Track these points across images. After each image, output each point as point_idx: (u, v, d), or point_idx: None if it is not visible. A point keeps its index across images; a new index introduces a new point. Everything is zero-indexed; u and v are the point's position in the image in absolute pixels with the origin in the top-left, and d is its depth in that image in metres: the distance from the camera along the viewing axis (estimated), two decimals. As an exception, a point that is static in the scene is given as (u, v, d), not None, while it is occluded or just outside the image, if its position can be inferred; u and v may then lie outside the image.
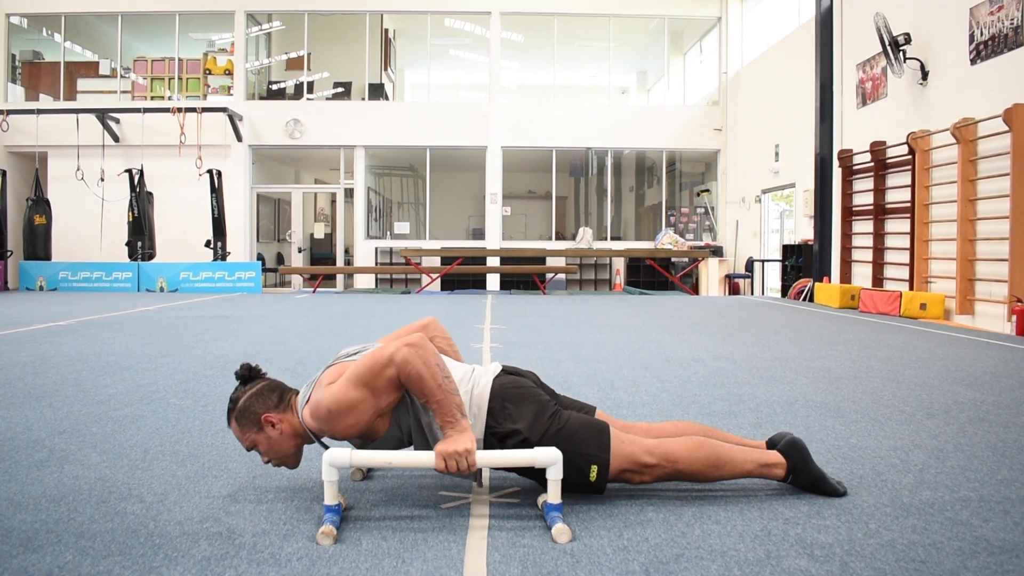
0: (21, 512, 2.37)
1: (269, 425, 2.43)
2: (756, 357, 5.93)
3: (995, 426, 3.61)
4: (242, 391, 2.49)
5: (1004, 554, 2.09)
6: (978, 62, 8.91)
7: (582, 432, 2.44)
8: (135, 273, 14.64)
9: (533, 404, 2.47)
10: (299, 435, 2.47)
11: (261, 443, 2.45)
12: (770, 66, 15.36)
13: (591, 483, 2.43)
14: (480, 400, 2.46)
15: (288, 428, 2.45)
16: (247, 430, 2.45)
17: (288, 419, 2.45)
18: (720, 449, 2.48)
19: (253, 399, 2.46)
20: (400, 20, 18.69)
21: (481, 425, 2.44)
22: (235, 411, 2.46)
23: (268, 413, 2.44)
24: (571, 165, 18.29)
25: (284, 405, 2.47)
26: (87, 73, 17.69)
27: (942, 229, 9.52)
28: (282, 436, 2.45)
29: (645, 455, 2.44)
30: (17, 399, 4.14)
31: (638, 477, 2.46)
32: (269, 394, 2.48)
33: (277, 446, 2.46)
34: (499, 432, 2.44)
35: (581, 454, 2.40)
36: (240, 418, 2.45)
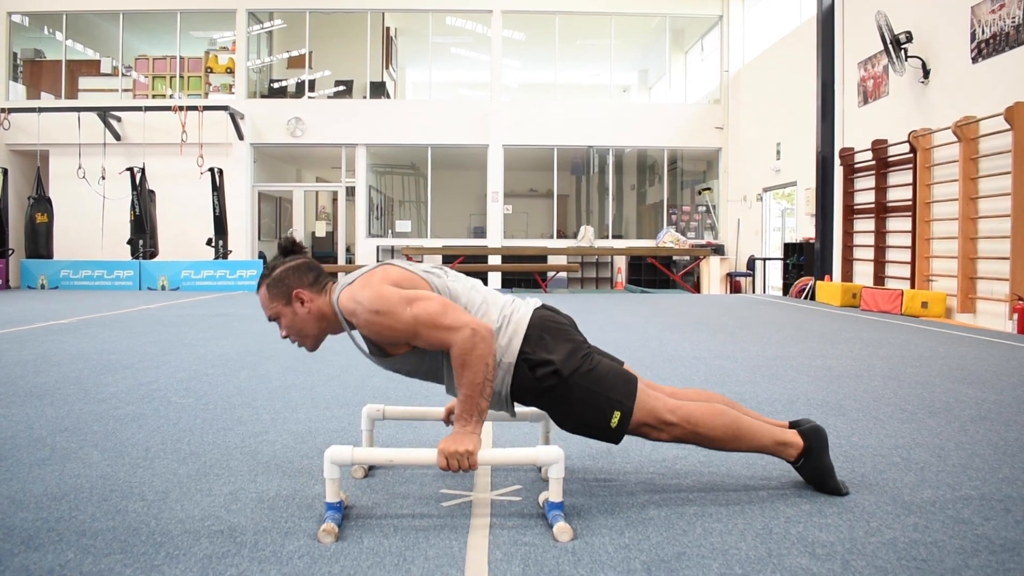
0: (23, 510, 2.38)
1: (299, 301, 2.41)
2: (757, 355, 5.93)
3: (996, 424, 3.61)
4: (280, 261, 2.46)
5: (1005, 552, 2.09)
6: (979, 60, 8.90)
7: (611, 377, 2.43)
8: (136, 271, 14.64)
9: (569, 341, 2.46)
10: (326, 319, 2.45)
11: (285, 316, 2.43)
12: (771, 64, 15.35)
13: (611, 429, 2.42)
14: (518, 325, 2.43)
15: (316, 310, 2.43)
16: (275, 300, 2.42)
17: (319, 301, 2.43)
18: (741, 420, 2.48)
19: (290, 271, 2.43)
20: (401, 18, 18.68)
21: (515, 349, 2.40)
22: (268, 278, 2.43)
23: (301, 289, 2.42)
24: (572, 163, 18.30)
25: (319, 287, 2.45)
26: (88, 71, 17.69)
27: (943, 227, 9.52)
28: (309, 315, 2.43)
29: (667, 413, 2.43)
30: (18, 397, 4.14)
31: (656, 434, 2.46)
32: (307, 271, 2.45)
33: (301, 324, 2.44)
34: (532, 359, 2.40)
35: (607, 398, 2.40)
36: (271, 287, 2.42)
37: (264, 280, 2.44)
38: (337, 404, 4.02)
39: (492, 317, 2.43)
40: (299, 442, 3.23)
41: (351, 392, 4.36)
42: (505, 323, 2.43)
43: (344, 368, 5.18)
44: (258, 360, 5.56)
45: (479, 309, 2.44)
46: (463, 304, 2.42)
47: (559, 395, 2.41)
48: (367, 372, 5.02)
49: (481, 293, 2.50)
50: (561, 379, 2.38)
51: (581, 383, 2.39)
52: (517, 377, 2.42)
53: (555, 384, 2.39)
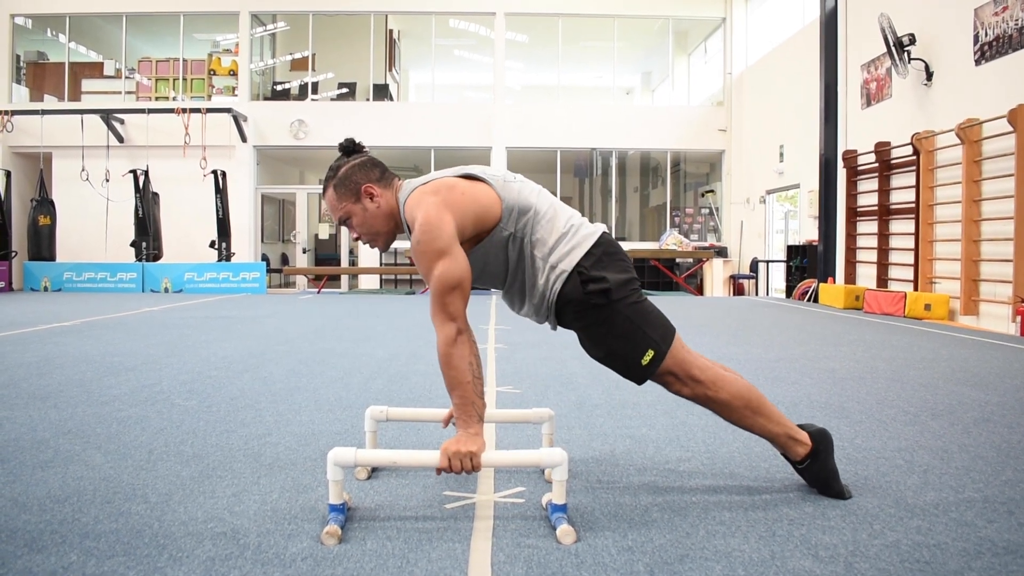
0: (26, 512, 2.38)
1: (368, 197, 2.39)
2: (760, 358, 5.92)
3: (1000, 427, 3.60)
4: (344, 160, 2.43)
5: (1009, 555, 2.09)
6: (983, 63, 8.89)
7: (654, 317, 2.44)
8: (139, 274, 14.66)
9: (628, 271, 2.46)
10: (394, 217, 2.43)
11: (356, 214, 2.41)
12: (775, 67, 15.34)
13: (640, 366, 2.41)
14: (584, 239, 2.42)
15: (385, 205, 2.41)
16: (344, 199, 2.40)
17: (388, 196, 2.41)
18: (762, 399, 2.50)
19: (356, 168, 2.41)
20: (404, 21, 18.70)
21: (574, 259, 2.39)
22: (335, 179, 2.40)
23: (370, 184, 2.40)
24: (576, 166, 18.30)
25: (386, 182, 2.43)
26: (91, 74, 17.72)
27: (947, 230, 9.51)
28: (379, 211, 2.41)
29: (696, 369, 2.44)
30: (22, 400, 4.15)
31: (678, 385, 2.46)
32: (372, 167, 2.43)
33: (372, 220, 2.41)
34: (587, 274, 2.38)
35: (646, 334, 2.40)
36: (339, 186, 2.39)
37: (330, 181, 2.42)
38: (340, 406, 4.02)
39: (560, 222, 2.43)
40: (302, 444, 3.23)
41: (354, 394, 4.36)
42: (572, 231, 2.43)
43: (347, 370, 5.19)
44: (261, 362, 5.56)
45: (546, 213, 2.44)
46: (532, 204, 2.43)
47: (601, 316, 2.41)
48: (370, 374, 5.03)
49: (550, 199, 2.51)
50: (609, 300, 2.38)
51: (625, 312, 2.39)
52: (568, 286, 2.40)
53: (602, 304, 2.39)
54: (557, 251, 2.40)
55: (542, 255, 2.42)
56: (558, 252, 2.40)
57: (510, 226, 2.41)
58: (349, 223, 2.44)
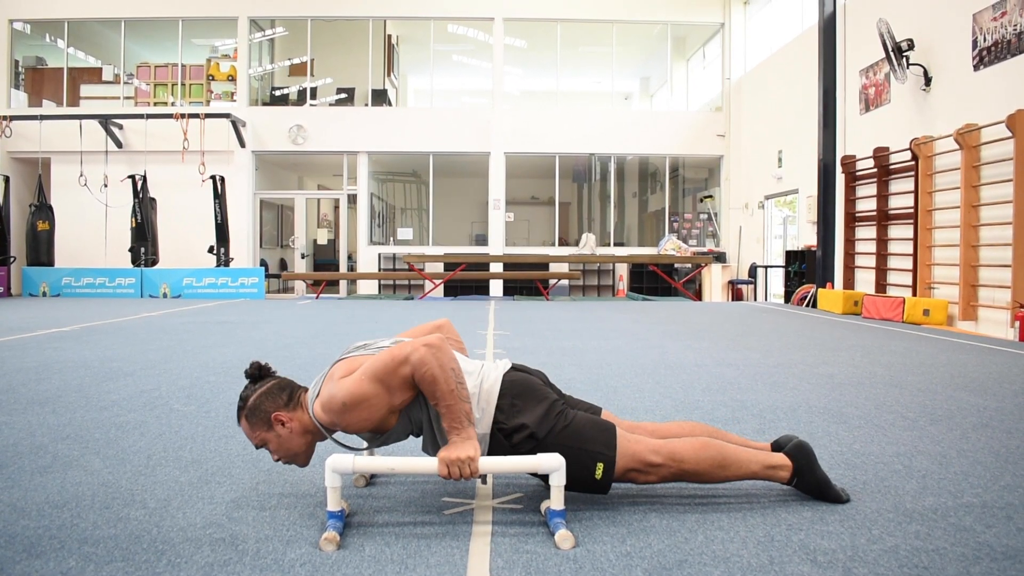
0: (24, 518, 2.38)
1: (279, 423, 2.42)
2: (759, 363, 5.92)
3: (998, 432, 3.60)
4: (252, 389, 2.48)
5: (1007, 560, 2.09)
6: (981, 68, 8.91)
7: (588, 430, 2.43)
8: (138, 279, 14.66)
9: (541, 401, 2.47)
10: (309, 432, 2.46)
11: (271, 441, 2.45)
12: (773, 72, 15.37)
13: (596, 481, 2.42)
14: (489, 395, 2.45)
15: (298, 426, 2.44)
16: (257, 428, 2.44)
17: (298, 417, 2.44)
18: (726, 450, 2.48)
19: (263, 397, 2.45)
20: (403, 26, 18.72)
21: (488, 420, 2.43)
22: (245, 409, 2.45)
23: (278, 411, 2.43)
24: (574, 171, 18.32)
25: (294, 403, 2.46)
26: (90, 79, 17.74)
27: (945, 235, 9.52)
28: (292, 434, 2.44)
29: (651, 454, 2.43)
30: (20, 405, 4.14)
31: (644, 477, 2.45)
32: (279, 392, 2.47)
33: (287, 444, 2.45)
34: (506, 428, 2.42)
35: (587, 451, 2.40)
36: (250, 416, 2.44)
37: (242, 412, 2.46)
38: (339, 411, 4.01)
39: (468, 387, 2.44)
40: (301, 450, 3.23)
41: (353, 399, 4.35)
42: (478, 393, 2.45)
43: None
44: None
45: None
46: None
47: None
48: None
49: None
50: (538, 441, 2.40)
51: (558, 442, 2.39)
52: (494, 446, 2.44)
53: (533, 447, 2.40)
54: None
55: None
56: None
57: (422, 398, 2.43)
58: (267, 449, 2.48)
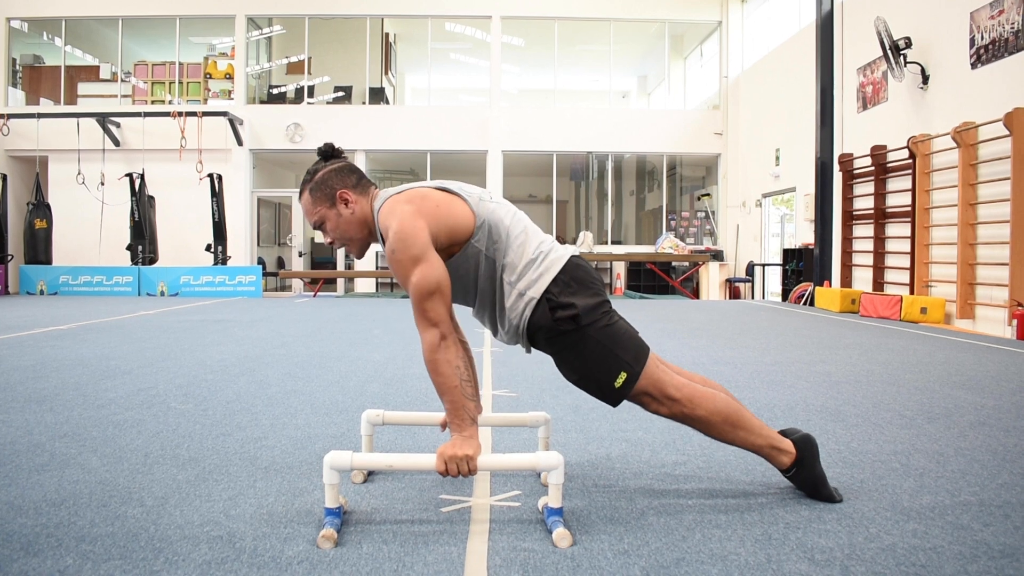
0: (21, 516, 2.37)
1: (343, 202, 2.40)
2: (757, 361, 5.93)
3: (996, 430, 3.61)
4: (322, 165, 2.44)
5: (1005, 558, 2.09)
6: (979, 66, 8.92)
7: (626, 339, 2.42)
8: (136, 277, 14.64)
9: (597, 295, 2.45)
10: (368, 225, 2.43)
11: (330, 219, 2.42)
12: (771, 70, 15.37)
13: (613, 388, 2.40)
14: (552, 264, 2.42)
15: (359, 212, 2.42)
16: (319, 203, 2.41)
17: (362, 204, 2.42)
18: (742, 412, 2.48)
19: (332, 173, 2.42)
20: (401, 24, 18.71)
21: (542, 286, 2.39)
22: (311, 182, 2.41)
23: (345, 190, 2.40)
24: (572, 169, 18.30)
25: (362, 188, 2.43)
26: (88, 77, 17.71)
27: (943, 233, 9.53)
28: (353, 217, 2.41)
29: (672, 388, 2.42)
30: (17, 403, 4.14)
31: (655, 406, 2.44)
32: (349, 173, 2.43)
33: (345, 226, 2.42)
34: (555, 301, 2.39)
35: (617, 356, 2.39)
36: (315, 190, 2.40)
37: (306, 185, 2.42)
38: (336, 410, 4.02)
39: (530, 248, 2.43)
40: (298, 448, 3.23)
41: (350, 398, 4.36)
42: (541, 258, 2.42)
43: (344, 374, 5.19)
44: (257, 366, 5.55)
45: (518, 237, 2.43)
46: (506, 226, 2.42)
47: (572, 341, 2.41)
48: (366, 377, 5.02)
49: (523, 222, 2.50)
50: (578, 326, 2.38)
51: (596, 336, 2.39)
52: (537, 313, 2.41)
53: (571, 330, 2.39)
54: (526, 278, 2.41)
55: (510, 281, 2.42)
56: (527, 279, 2.41)
57: (481, 243, 2.41)
58: (323, 227, 2.45)
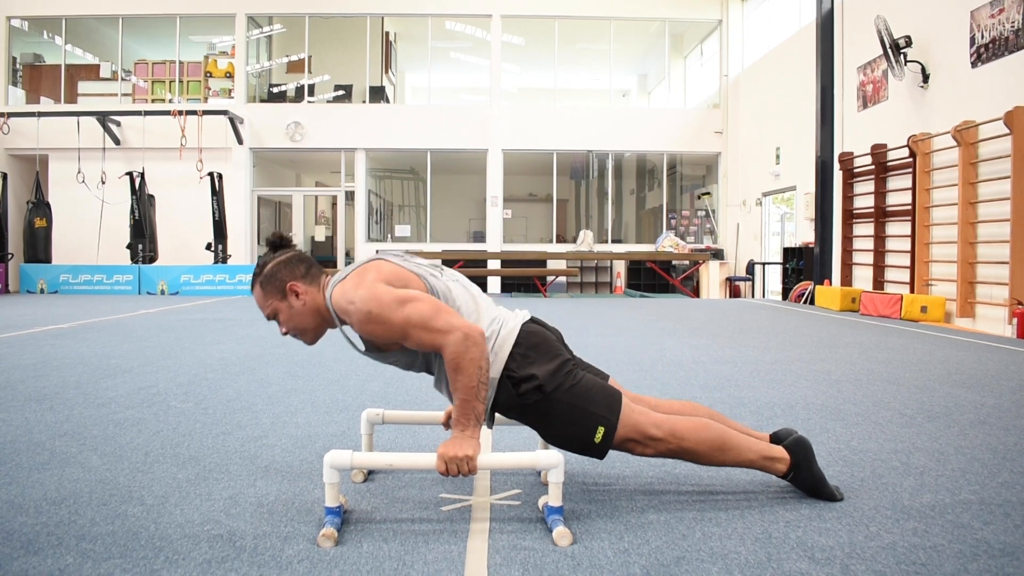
0: (22, 514, 2.38)
1: (293, 294, 2.41)
2: (757, 360, 5.93)
3: (996, 429, 3.61)
4: (271, 257, 2.45)
5: (1005, 557, 2.09)
6: (979, 65, 8.91)
7: (595, 393, 2.42)
8: (136, 276, 14.64)
9: (555, 357, 2.44)
10: (321, 313, 2.44)
11: (282, 311, 2.43)
12: (771, 69, 15.37)
13: (595, 444, 2.40)
14: (505, 341, 2.42)
15: (311, 302, 2.42)
16: (270, 296, 2.42)
17: (313, 293, 2.43)
18: (726, 434, 2.46)
19: (281, 266, 2.43)
20: (401, 23, 18.71)
21: (500, 365, 2.40)
22: (261, 276, 2.43)
23: (295, 282, 2.41)
24: (572, 168, 18.30)
25: (311, 278, 2.44)
26: (88, 76, 17.70)
27: (943, 232, 9.52)
28: (304, 308, 2.42)
29: (652, 427, 2.41)
30: (18, 402, 4.14)
31: (641, 448, 2.44)
32: (298, 264, 2.45)
33: (297, 318, 2.44)
34: (515, 376, 2.39)
35: (591, 413, 2.38)
36: (265, 283, 2.42)
37: (257, 278, 2.44)
38: (337, 408, 4.02)
39: (483, 326, 2.42)
40: (299, 446, 3.23)
41: (351, 396, 4.36)
42: (494, 336, 2.43)
43: (344, 373, 5.19)
44: (258, 364, 5.55)
45: (471, 314, 2.43)
46: (456, 306, 2.42)
47: (542, 411, 2.41)
48: (367, 376, 5.02)
49: (476, 299, 2.49)
50: (544, 395, 2.38)
51: (564, 399, 2.38)
52: (501, 392, 2.42)
53: (538, 400, 2.39)
54: None
55: None
56: None
57: None
58: (277, 320, 2.47)
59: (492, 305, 2.53)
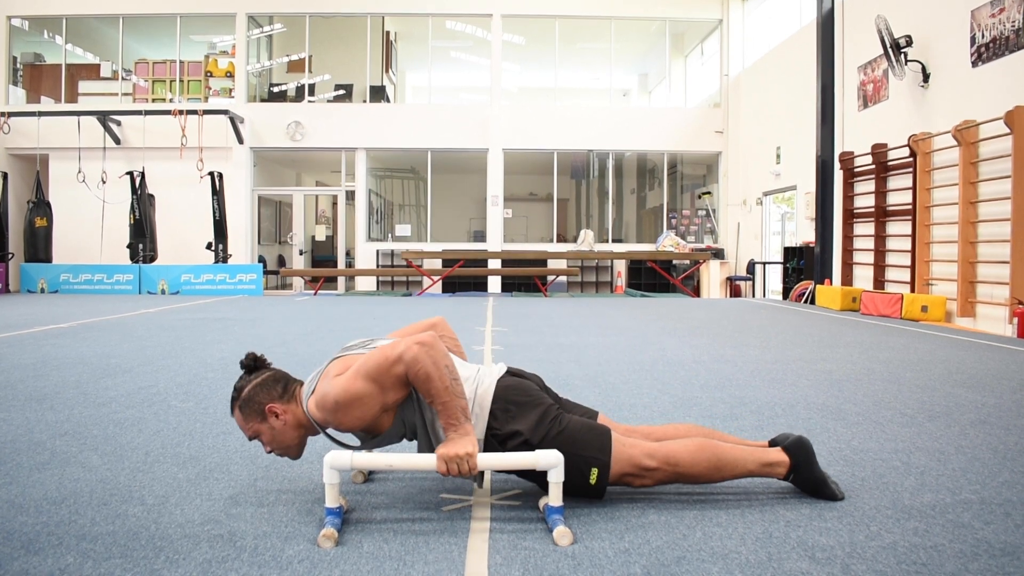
0: (22, 514, 2.38)
1: (273, 415, 2.43)
2: (757, 359, 5.92)
3: (996, 428, 3.61)
4: (247, 380, 2.48)
5: (1005, 556, 2.09)
6: (979, 64, 8.91)
7: (583, 435, 2.43)
8: (136, 275, 14.65)
9: (536, 407, 2.46)
10: (302, 426, 2.46)
11: (264, 433, 2.45)
12: (771, 68, 15.36)
13: (591, 486, 2.42)
14: (483, 400, 2.45)
15: (292, 419, 2.44)
16: (250, 420, 2.44)
17: (292, 410, 2.45)
18: (722, 450, 2.47)
19: (258, 389, 2.45)
20: (401, 22, 18.70)
21: (483, 425, 2.43)
22: (239, 400, 2.45)
23: (272, 403, 2.43)
24: (572, 167, 18.30)
25: (288, 396, 2.47)
26: (88, 75, 17.71)
27: (943, 231, 9.52)
28: (285, 427, 2.44)
29: (646, 458, 2.42)
30: (18, 401, 4.14)
31: (639, 480, 2.45)
32: (274, 384, 2.47)
33: (280, 437, 2.45)
34: (500, 434, 2.43)
35: (582, 456, 2.39)
36: (244, 407, 2.44)
37: (236, 403, 2.46)
38: (337, 408, 4.01)
39: None
40: (299, 446, 3.23)
41: (351, 396, 4.35)
42: (473, 397, 2.45)
43: (344, 372, 5.18)
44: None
45: None
46: None
47: None
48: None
49: None
50: (532, 448, 2.39)
51: (552, 448, 2.38)
52: (489, 452, 2.42)
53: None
54: None
55: None
56: None
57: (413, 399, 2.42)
58: (260, 440, 2.48)
59: (464, 364, 2.55)
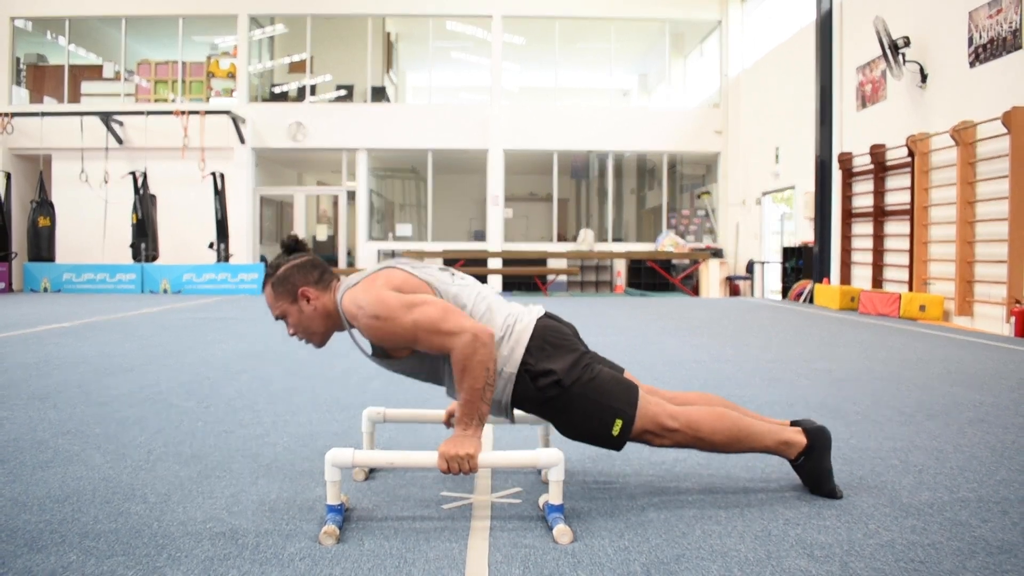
0: (25, 512, 2.39)
1: (304, 300, 2.42)
2: (757, 359, 5.94)
3: (994, 427, 3.62)
4: (284, 259, 2.47)
5: (1003, 554, 2.10)
6: (977, 65, 8.92)
7: (612, 386, 2.43)
8: (138, 275, 14.66)
9: (571, 351, 2.46)
10: (331, 317, 2.46)
11: (292, 314, 2.45)
12: (771, 69, 15.37)
13: (612, 437, 2.42)
14: (521, 335, 2.43)
15: (322, 307, 2.44)
16: (281, 299, 2.44)
17: (324, 299, 2.44)
18: (742, 423, 2.48)
19: (294, 269, 2.44)
20: (402, 23, 18.71)
21: (517, 360, 2.40)
22: (273, 277, 2.44)
23: (307, 287, 2.43)
24: (572, 167, 18.31)
25: (324, 284, 2.46)
26: (91, 76, 17.72)
27: (941, 231, 9.53)
28: (315, 313, 2.44)
29: (669, 419, 2.43)
30: (21, 400, 4.15)
31: (658, 440, 2.46)
32: (311, 269, 2.46)
33: (307, 322, 2.45)
34: (534, 370, 2.41)
35: (609, 406, 2.40)
36: (277, 285, 2.43)
37: (269, 279, 2.45)
38: (338, 407, 4.03)
39: (496, 324, 2.43)
40: (300, 445, 3.25)
41: (352, 395, 4.37)
42: (508, 332, 2.43)
43: (345, 371, 5.20)
44: (260, 363, 5.57)
45: (483, 316, 2.44)
46: (468, 309, 2.44)
47: (561, 405, 2.42)
48: (368, 375, 5.04)
49: (486, 299, 2.50)
50: (563, 389, 2.39)
51: (582, 392, 2.40)
52: (519, 387, 2.43)
53: (557, 394, 2.40)
54: (499, 355, 2.41)
55: None
56: (500, 356, 2.41)
57: None
58: (285, 321, 2.48)
59: (505, 303, 2.54)
